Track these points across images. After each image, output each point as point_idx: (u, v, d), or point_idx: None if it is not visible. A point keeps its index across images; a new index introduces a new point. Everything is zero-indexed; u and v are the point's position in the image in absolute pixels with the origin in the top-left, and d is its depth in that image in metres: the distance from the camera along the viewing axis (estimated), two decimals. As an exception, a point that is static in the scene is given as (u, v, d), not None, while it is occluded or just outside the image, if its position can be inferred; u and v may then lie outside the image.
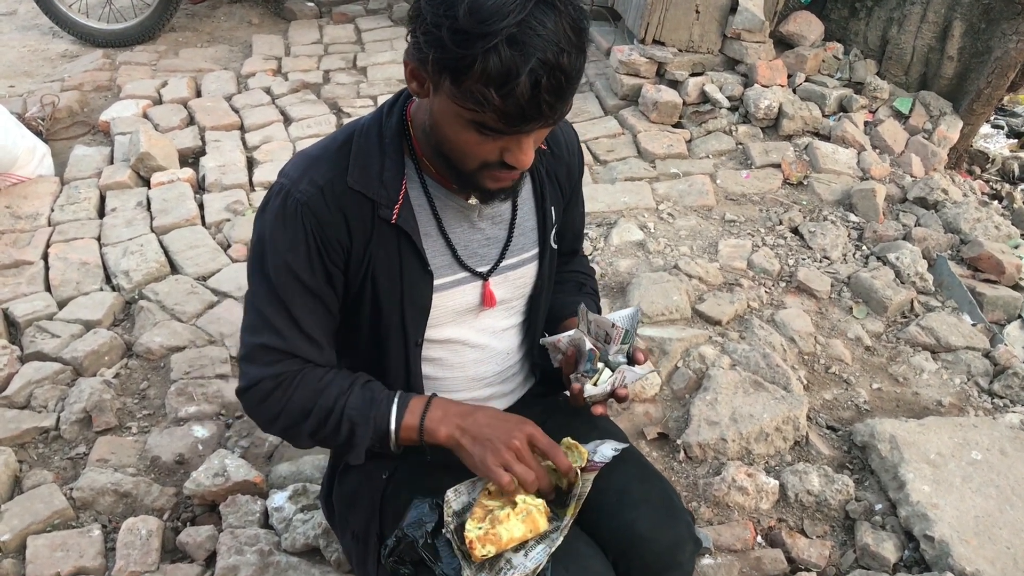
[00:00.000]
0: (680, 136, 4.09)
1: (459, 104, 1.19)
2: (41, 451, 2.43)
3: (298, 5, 5.60)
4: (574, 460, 1.47)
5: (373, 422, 1.42)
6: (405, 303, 1.49)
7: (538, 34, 1.12)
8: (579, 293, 1.83)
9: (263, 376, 1.43)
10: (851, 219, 3.61)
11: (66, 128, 4.11)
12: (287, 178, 1.42)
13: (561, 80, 1.15)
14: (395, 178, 1.42)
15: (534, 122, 1.19)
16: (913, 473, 2.34)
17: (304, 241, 1.38)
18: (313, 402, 1.43)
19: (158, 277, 3.08)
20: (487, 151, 1.27)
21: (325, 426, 1.43)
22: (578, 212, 1.79)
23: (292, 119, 4.25)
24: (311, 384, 1.44)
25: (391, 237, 1.44)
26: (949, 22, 4.13)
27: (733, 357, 2.76)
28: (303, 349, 1.45)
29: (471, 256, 1.53)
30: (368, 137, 1.44)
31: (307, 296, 1.43)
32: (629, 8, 4.55)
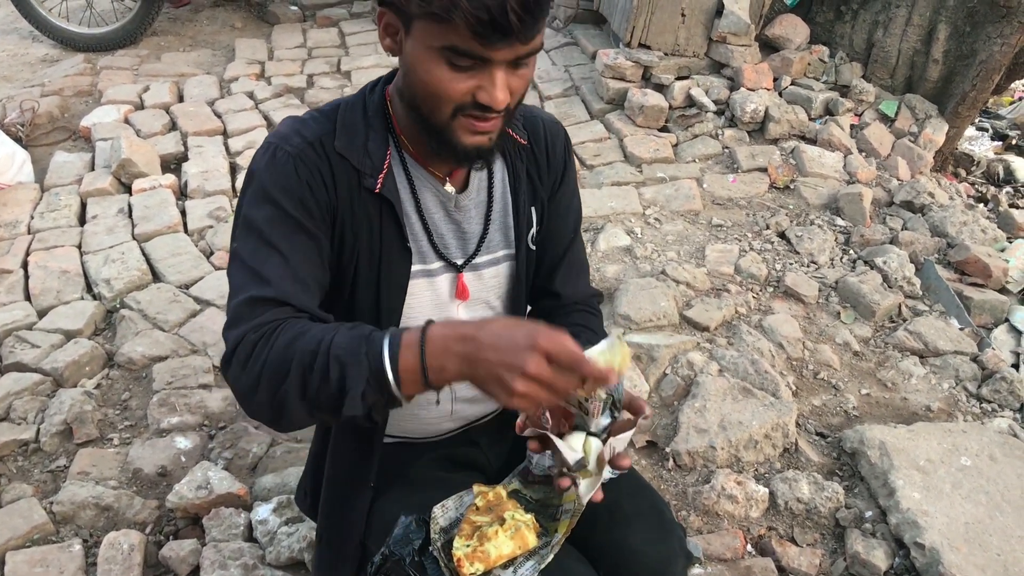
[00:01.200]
0: (666, 140, 4.08)
1: (428, 23, 1.18)
2: (20, 464, 2.39)
3: (281, 9, 5.57)
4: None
5: (366, 360, 1.15)
6: (382, 281, 1.44)
7: None
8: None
9: (246, 330, 1.23)
10: (838, 223, 3.61)
11: (46, 134, 4.06)
12: (275, 137, 1.38)
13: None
14: (379, 149, 1.40)
15: (504, 37, 1.17)
16: (903, 480, 2.33)
17: (297, 184, 1.33)
18: (293, 348, 1.19)
19: (140, 285, 3.04)
20: (460, 90, 1.24)
21: (312, 374, 1.17)
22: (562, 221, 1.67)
23: (275, 124, 4.19)
24: (292, 330, 1.22)
25: (373, 208, 1.41)
26: (934, 25, 4.14)
27: (721, 363, 2.74)
28: (293, 294, 1.29)
29: (446, 246, 1.50)
30: (353, 110, 1.42)
31: (300, 236, 1.33)
32: (615, 12, 4.53)
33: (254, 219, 1.32)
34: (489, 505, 1.41)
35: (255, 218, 1.32)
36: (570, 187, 1.68)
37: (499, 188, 1.54)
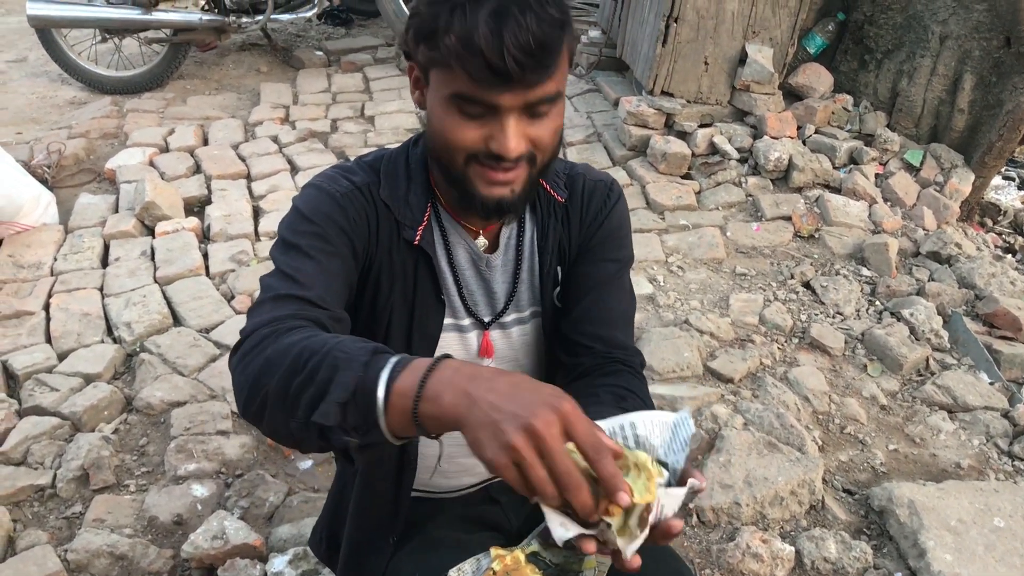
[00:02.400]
0: (689, 187, 4.06)
1: (438, 73, 1.21)
2: (36, 510, 2.37)
3: (307, 53, 5.63)
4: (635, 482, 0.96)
5: (363, 369, 1.00)
6: (414, 331, 1.44)
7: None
8: (616, 407, 1.37)
9: (260, 323, 1.15)
10: (863, 273, 3.56)
11: (72, 176, 4.09)
12: (321, 178, 1.39)
13: (528, 39, 1.13)
14: (420, 201, 1.41)
15: (505, 82, 1.16)
16: (934, 540, 2.27)
17: (341, 217, 1.32)
18: (300, 344, 1.07)
19: (160, 329, 3.03)
20: (471, 138, 1.23)
21: (301, 371, 1.03)
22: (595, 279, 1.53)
23: (299, 168, 4.23)
24: (306, 331, 1.12)
25: (410, 259, 1.41)
26: (959, 75, 4.12)
27: (746, 417, 2.70)
28: (319, 293, 1.23)
29: (475, 303, 1.50)
30: (396, 162, 1.43)
31: (336, 259, 1.30)
32: (637, 59, 4.55)
33: (292, 237, 1.29)
34: (507, 570, 1.36)
35: (293, 236, 1.29)
36: (612, 237, 1.54)
37: (528, 247, 1.52)
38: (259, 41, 5.78)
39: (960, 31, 4.08)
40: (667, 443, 1.05)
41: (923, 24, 4.21)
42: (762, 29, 4.22)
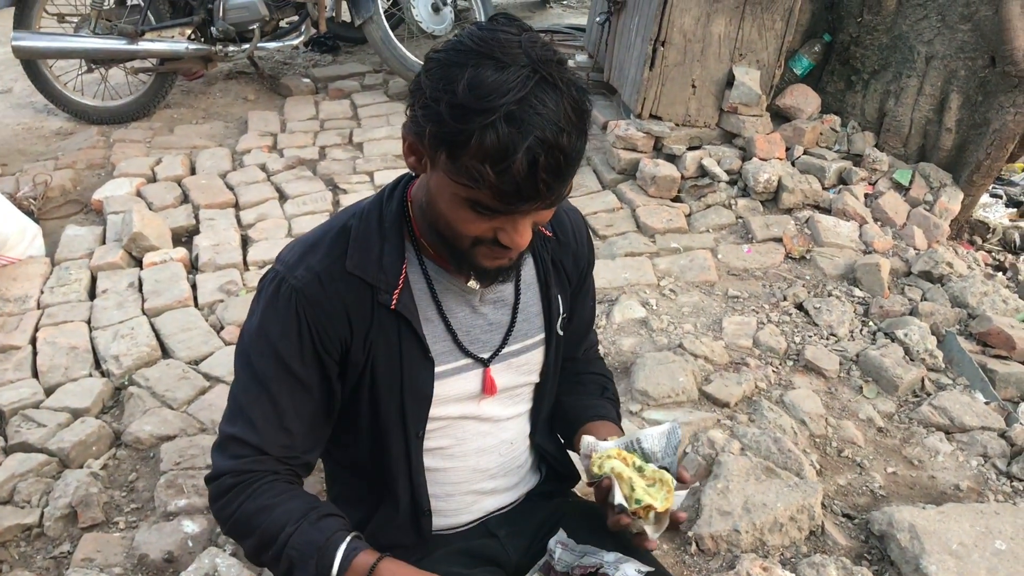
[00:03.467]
0: (679, 210, 4.06)
1: (454, 180, 1.16)
2: (23, 550, 2.32)
3: (294, 81, 5.62)
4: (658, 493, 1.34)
5: (315, 570, 1.29)
6: (405, 393, 1.42)
7: (538, 112, 1.09)
8: (601, 396, 1.76)
9: (226, 470, 1.37)
10: (856, 294, 3.56)
11: (58, 207, 4.06)
12: (282, 264, 1.38)
13: (560, 160, 1.12)
14: (395, 263, 1.38)
15: (530, 202, 1.15)
16: (936, 565, 2.24)
17: (297, 329, 1.33)
18: (257, 523, 1.33)
19: (149, 362, 2.99)
20: (481, 229, 1.23)
21: (267, 552, 1.33)
22: (587, 305, 1.73)
23: (288, 196, 4.21)
24: (263, 499, 1.34)
25: (391, 323, 1.38)
26: (946, 95, 4.14)
27: (743, 441, 2.67)
28: (275, 444, 1.37)
29: (473, 342, 1.48)
30: (368, 221, 1.39)
31: (294, 384, 1.36)
32: (625, 83, 4.55)
33: (252, 356, 1.37)
34: None
35: (253, 356, 1.37)
36: (591, 273, 1.71)
37: (527, 279, 1.52)
38: (246, 69, 5.78)
39: (945, 51, 4.10)
40: (663, 449, 1.40)
41: (908, 45, 4.23)
42: (749, 51, 4.24)
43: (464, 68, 1.11)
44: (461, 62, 1.12)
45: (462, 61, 1.12)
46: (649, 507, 1.32)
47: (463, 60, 1.12)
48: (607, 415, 1.63)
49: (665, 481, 1.33)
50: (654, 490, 1.33)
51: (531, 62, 1.11)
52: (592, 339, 1.84)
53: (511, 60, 1.11)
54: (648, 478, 1.34)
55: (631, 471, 1.36)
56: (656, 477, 1.34)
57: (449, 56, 1.14)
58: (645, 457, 1.40)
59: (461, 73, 1.11)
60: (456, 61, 1.13)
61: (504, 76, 1.09)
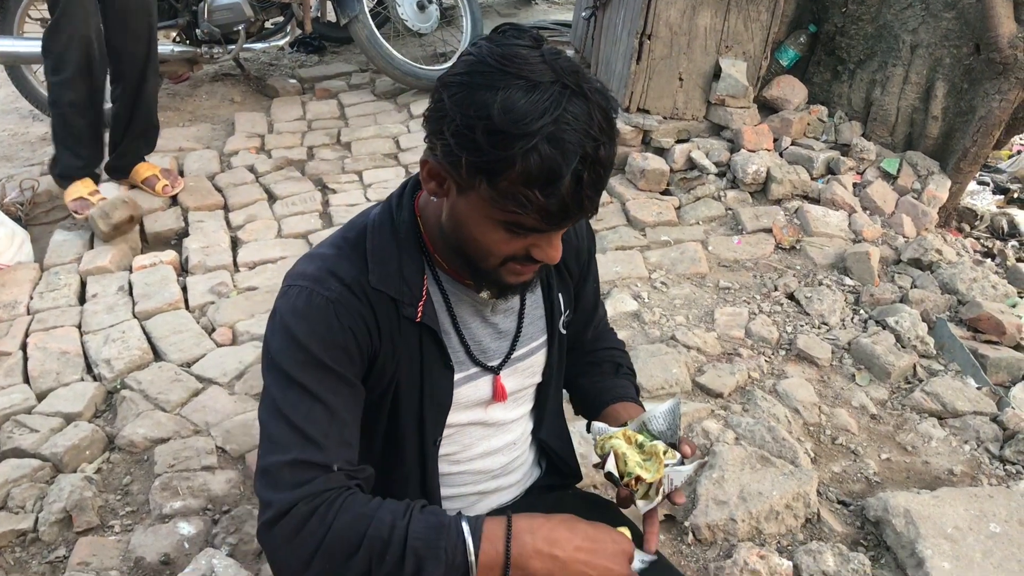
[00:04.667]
0: (669, 203, 4.06)
1: (496, 206, 1.15)
2: (18, 555, 2.30)
3: (280, 82, 5.61)
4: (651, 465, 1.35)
5: (445, 555, 1.15)
6: (425, 401, 1.42)
7: (575, 128, 1.08)
8: (616, 375, 1.75)
9: (296, 499, 1.18)
10: (846, 283, 3.57)
11: (46, 212, 4.03)
12: (306, 279, 1.30)
13: (600, 173, 1.12)
14: (416, 275, 1.36)
15: (574, 218, 1.16)
16: (931, 549, 2.25)
17: (338, 332, 1.27)
18: (362, 531, 1.16)
19: (141, 365, 2.98)
20: (514, 248, 1.22)
21: (382, 563, 1.15)
22: (591, 289, 1.72)
23: (277, 197, 4.20)
24: (356, 508, 1.19)
25: (413, 335, 1.37)
26: (932, 83, 4.16)
27: (737, 431, 2.68)
28: (341, 459, 1.24)
29: (484, 351, 1.48)
30: (382, 234, 1.36)
31: (345, 388, 1.29)
32: (612, 77, 4.56)
33: (293, 372, 1.25)
34: None
35: (295, 371, 1.25)
36: (595, 258, 1.70)
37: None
38: (232, 71, 5.76)
39: (930, 39, 4.11)
40: (669, 427, 1.40)
41: (893, 34, 4.25)
42: (735, 43, 4.25)
43: (494, 91, 1.09)
44: (488, 84, 1.10)
45: (489, 83, 1.10)
46: (639, 478, 1.33)
47: (490, 82, 1.10)
48: (625, 395, 1.62)
49: (656, 453, 1.35)
50: (650, 464, 1.34)
51: (558, 76, 1.10)
52: (600, 315, 1.82)
53: (539, 77, 1.09)
54: (646, 453, 1.36)
55: (630, 448, 1.37)
56: (652, 451, 1.36)
57: (473, 79, 1.12)
58: (652, 437, 1.41)
59: (492, 96, 1.09)
60: (482, 84, 1.10)
61: (536, 96, 1.08)
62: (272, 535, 1.19)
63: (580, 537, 1.21)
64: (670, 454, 1.37)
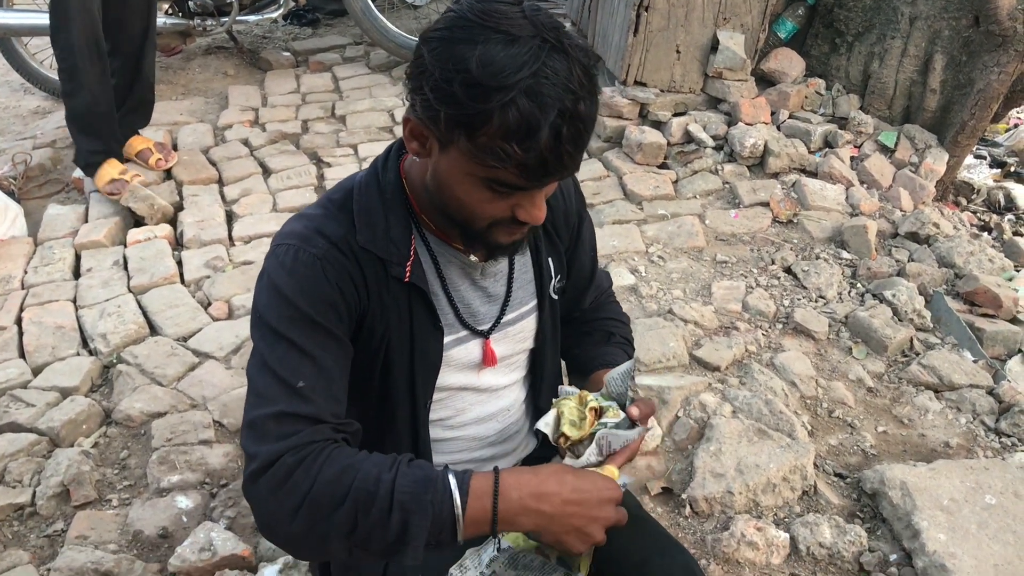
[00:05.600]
0: (666, 177, 4.05)
1: (475, 161, 1.14)
2: (16, 529, 2.31)
3: (274, 55, 5.56)
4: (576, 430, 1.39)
5: (432, 508, 1.13)
6: (416, 362, 1.42)
7: (554, 83, 1.08)
8: (608, 343, 1.74)
9: (282, 450, 1.17)
10: (844, 256, 3.56)
11: (39, 187, 4.01)
12: (294, 237, 1.31)
13: (580, 128, 1.11)
14: (403, 235, 1.36)
15: (554, 175, 1.15)
16: (927, 521, 2.26)
17: (326, 288, 1.27)
18: (348, 484, 1.14)
19: (137, 339, 2.97)
20: (498, 209, 1.22)
21: (368, 516, 1.13)
22: (585, 255, 1.70)
23: (271, 170, 4.17)
24: (343, 460, 1.17)
25: (402, 295, 1.37)
26: (930, 55, 4.13)
27: (734, 404, 2.68)
28: (328, 412, 1.24)
29: (473, 314, 1.48)
30: (369, 194, 1.36)
31: (333, 343, 1.28)
32: (609, 50, 4.52)
33: (281, 328, 1.25)
34: None
35: (283, 327, 1.25)
36: (587, 222, 1.68)
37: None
38: (225, 44, 5.71)
39: (929, 11, 4.08)
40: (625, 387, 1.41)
41: (892, 6, 4.22)
42: (733, 15, 4.21)
43: (473, 45, 1.09)
44: (468, 38, 1.09)
45: (469, 37, 1.09)
46: (565, 435, 1.37)
47: (469, 36, 1.10)
48: (611, 362, 1.60)
49: (592, 413, 1.39)
50: (584, 424, 1.38)
51: (538, 31, 1.10)
52: (601, 285, 1.81)
53: (518, 31, 1.09)
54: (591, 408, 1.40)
55: (577, 408, 1.40)
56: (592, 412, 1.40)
57: (453, 33, 1.11)
58: (610, 399, 1.43)
59: (471, 50, 1.08)
60: (462, 38, 1.10)
61: (515, 49, 1.08)
62: (257, 487, 1.18)
63: (568, 489, 1.19)
64: (612, 414, 1.38)
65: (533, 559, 1.39)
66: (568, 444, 1.37)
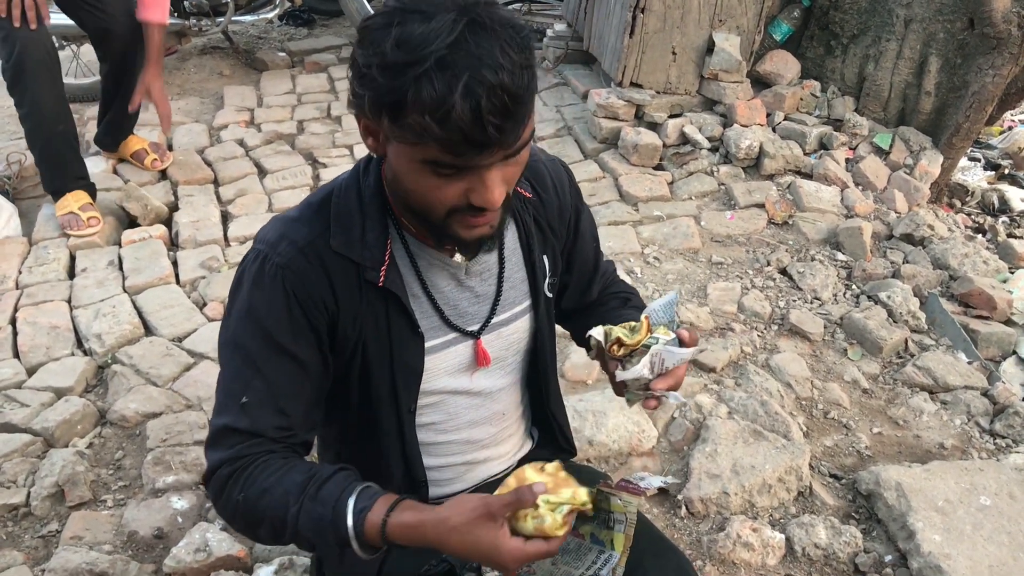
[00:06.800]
0: (662, 178, 4.05)
1: (404, 143, 1.12)
2: (10, 530, 2.30)
3: (269, 55, 5.55)
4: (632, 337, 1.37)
5: (334, 544, 1.22)
6: (396, 368, 1.40)
7: (470, 54, 1.04)
8: (625, 307, 1.69)
9: (220, 462, 1.28)
10: (839, 258, 3.57)
11: (34, 187, 3.99)
12: (263, 243, 1.32)
13: (504, 100, 1.06)
14: (379, 239, 1.34)
15: (485, 149, 1.10)
16: (922, 522, 2.27)
17: (286, 305, 1.29)
18: (263, 509, 1.25)
19: (132, 340, 2.97)
20: (450, 195, 1.18)
21: (283, 535, 1.26)
22: (588, 247, 1.67)
23: (267, 171, 4.17)
24: (261, 482, 1.26)
25: (378, 300, 1.35)
26: (925, 58, 4.14)
27: (730, 405, 2.69)
28: (269, 426, 1.30)
29: (460, 316, 1.45)
30: (347, 197, 1.35)
31: (287, 362, 1.30)
32: (605, 51, 4.53)
33: (240, 339, 1.31)
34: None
35: (241, 338, 1.31)
36: (586, 215, 1.65)
37: (510, 245, 1.49)
38: (220, 44, 5.69)
39: (924, 14, 4.10)
40: (669, 317, 1.41)
41: (887, 8, 4.23)
42: (728, 17, 4.22)
43: (390, 28, 1.07)
44: (388, 23, 1.08)
45: (388, 22, 1.08)
46: (620, 341, 1.36)
47: (390, 20, 1.08)
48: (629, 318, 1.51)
49: (643, 323, 1.38)
50: (636, 335, 1.37)
51: (457, 8, 1.07)
52: (607, 272, 1.77)
53: (436, 9, 1.07)
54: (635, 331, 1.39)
55: (621, 328, 1.40)
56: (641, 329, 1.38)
57: (377, 20, 1.11)
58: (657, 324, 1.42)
59: (388, 33, 1.07)
60: (384, 23, 1.09)
61: (430, 26, 1.05)
62: (209, 489, 1.31)
63: (452, 547, 1.18)
64: (664, 332, 1.37)
65: (570, 540, 1.37)
66: (621, 353, 1.37)
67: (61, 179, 3.59)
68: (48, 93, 3.40)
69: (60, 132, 3.50)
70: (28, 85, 3.35)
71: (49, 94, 3.41)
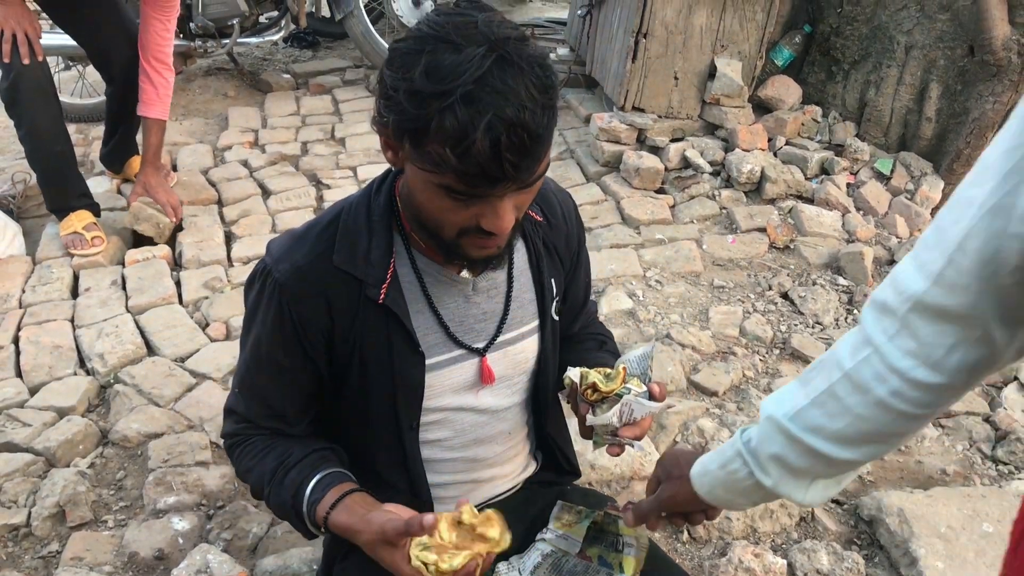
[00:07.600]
0: (663, 202, 4.07)
1: (420, 168, 1.15)
2: (11, 550, 2.30)
3: (274, 77, 5.58)
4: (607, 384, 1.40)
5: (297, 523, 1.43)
6: (397, 385, 1.42)
7: (496, 91, 1.07)
8: (600, 350, 1.74)
9: (226, 433, 1.53)
10: (840, 282, 3.58)
11: (38, 206, 4.00)
12: (270, 257, 1.39)
13: (523, 138, 1.09)
14: (383, 257, 1.37)
15: (499, 183, 1.13)
16: (925, 548, 2.27)
17: (279, 322, 1.36)
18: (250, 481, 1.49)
19: (134, 359, 2.97)
20: (462, 217, 1.21)
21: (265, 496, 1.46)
22: (581, 280, 1.71)
23: (271, 192, 4.19)
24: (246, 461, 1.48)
25: (379, 317, 1.38)
26: (926, 84, 4.17)
27: (732, 430, 2.68)
28: (259, 415, 1.48)
29: (466, 332, 1.46)
30: (356, 215, 1.38)
31: (279, 375, 1.42)
32: (607, 76, 4.56)
33: (244, 336, 1.47)
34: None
35: (244, 337, 1.47)
36: (585, 248, 1.69)
37: (519, 265, 1.51)
38: (225, 65, 5.73)
39: (925, 41, 4.13)
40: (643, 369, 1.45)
41: (888, 35, 4.26)
42: (730, 43, 4.25)
43: (420, 55, 1.09)
44: (419, 49, 1.10)
45: (419, 48, 1.10)
46: (595, 387, 1.40)
47: (421, 47, 1.10)
48: (607, 363, 1.59)
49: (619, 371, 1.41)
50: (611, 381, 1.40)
51: (488, 42, 1.09)
52: (590, 312, 1.82)
53: (467, 41, 1.09)
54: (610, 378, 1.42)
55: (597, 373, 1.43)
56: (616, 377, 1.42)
57: (408, 45, 1.13)
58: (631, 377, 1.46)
59: (418, 59, 1.09)
60: (414, 49, 1.11)
61: (460, 57, 1.07)
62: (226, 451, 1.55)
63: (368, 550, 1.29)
64: (636, 384, 1.41)
65: (577, 563, 1.40)
66: (594, 397, 1.40)
67: (63, 198, 3.61)
68: (44, 115, 3.44)
69: (58, 152, 3.53)
70: (24, 108, 3.39)
71: (45, 116, 3.44)
